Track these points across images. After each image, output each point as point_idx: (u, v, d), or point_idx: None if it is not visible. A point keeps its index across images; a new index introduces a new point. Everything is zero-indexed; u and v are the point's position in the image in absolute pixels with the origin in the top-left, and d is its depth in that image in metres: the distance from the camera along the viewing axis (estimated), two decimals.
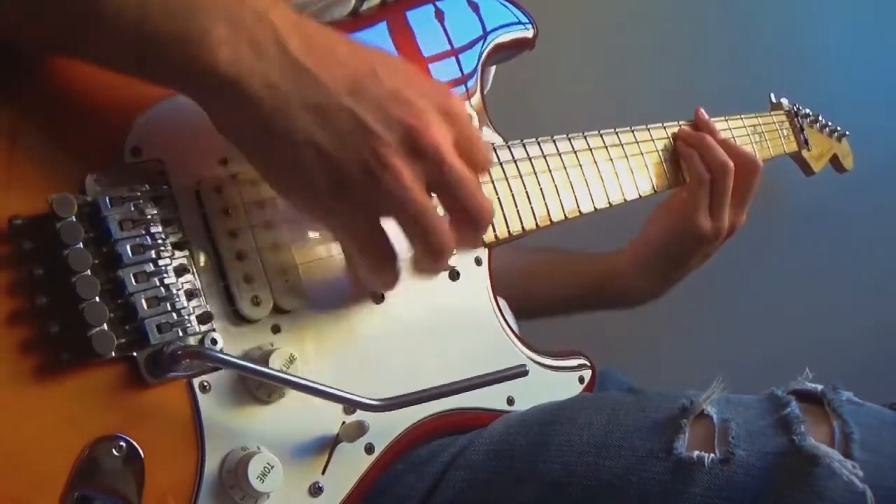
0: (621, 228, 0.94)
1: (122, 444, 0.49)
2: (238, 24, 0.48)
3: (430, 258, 0.54)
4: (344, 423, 0.57)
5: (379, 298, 0.62)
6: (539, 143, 0.74)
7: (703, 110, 0.92)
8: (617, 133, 0.83)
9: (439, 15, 0.73)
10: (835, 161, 1.24)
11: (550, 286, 1.00)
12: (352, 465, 0.58)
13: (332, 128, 0.49)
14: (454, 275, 0.67)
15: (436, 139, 0.51)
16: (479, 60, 0.74)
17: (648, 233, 0.94)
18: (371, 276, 0.56)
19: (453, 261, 0.66)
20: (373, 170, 0.50)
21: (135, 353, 0.50)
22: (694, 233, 0.89)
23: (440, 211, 0.53)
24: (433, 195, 0.53)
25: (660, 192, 0.86)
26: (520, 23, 0.78)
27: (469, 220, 0.54)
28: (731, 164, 0.88)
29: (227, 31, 0.47)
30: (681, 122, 0.91)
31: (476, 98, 0.73)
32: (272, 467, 0.52)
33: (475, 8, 0.75)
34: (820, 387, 0.62)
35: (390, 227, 0.53)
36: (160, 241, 0.52)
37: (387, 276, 0.55)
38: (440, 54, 0.72)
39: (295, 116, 0.49)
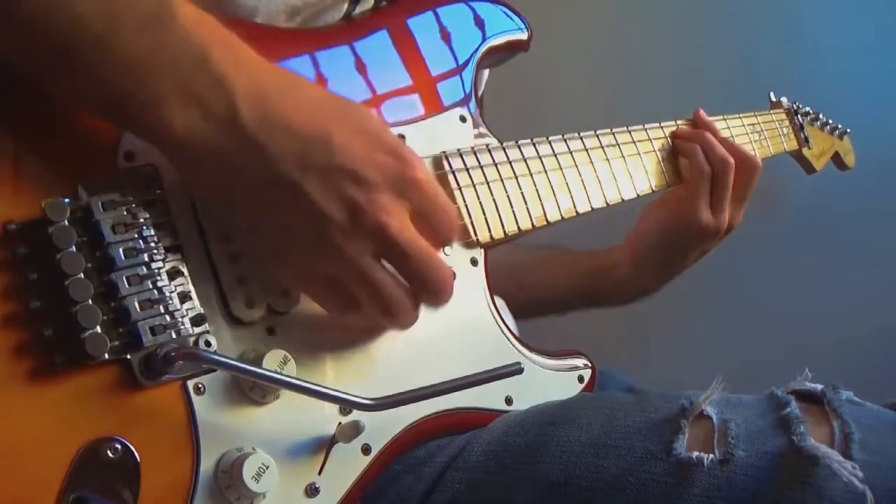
0: (620, 228, 0.93)
1: (118, 445, 0.49)
2: (193, 92, 0.48)
3: (389, 319, 0.55)
4: (340, 423, 0.57)
5: None
6: (535, 144, 0.74)
7: (702, 110, 0.92)
8: (613, 133, 0.82)
9: (442, 28, 0.72)
10: (836, 159, 1.23)
11: (544, 279, 1.00)
12: (349, 465, 0.58)
13: (276, 201, 0.50)
14: None
15: (378, 217, 0.51)
16: (474, 69, 0.74)
17: (645, 225, 0.93)
18: (342, 317, 0.57)
19: (450, 262, 0.66)
20: (317, 244, 0.51)
21: (128, 356, 0.51)
22: (694, 225, 0.87)
23: None
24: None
25: (657, 191, 0.86)
26: (515, 27, 0.78)
27: (425, 291, 0.55)
28: (732, 160, 0.87)
29: (180, 97, 0.48)
30: (678, 122, 0.91)
31: (473, 104, 0.73)
32: (267, 468, 0.52)
33: (479, 21, 0.75)
34: (820, 387, 0.62)
35: None
36: (153, 245, 0.52)
37: (356, 318, 0.56)
38: (448, 73, 0.72)
39: (242, 188, 0.50)
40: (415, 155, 0.54)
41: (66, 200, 0.50)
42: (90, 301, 0.49)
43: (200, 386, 0.53)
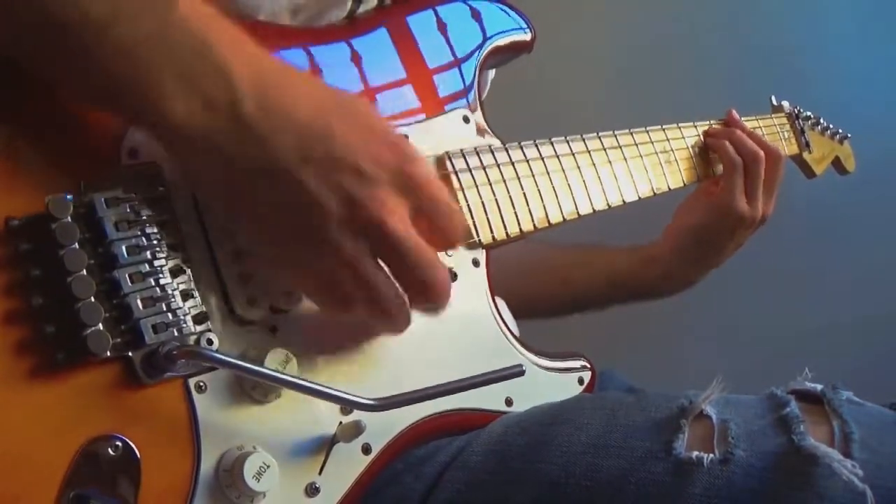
0: (621, 229, 0.94)
1: (118, 443, 0.49)
2: (193, 80, 0.48)
3: (382, 322, 0.54)
4: (341, 423, 0.57)
5: None
6: (538, 146, 0.74)
7: (734, 111, 0.97)
8: (616, 136, 0.83)
9: (441, 24, 0.73)
10: (837, 163, 1.23)
11: (589, 276, 1.01)
12: (349, 465, 0.58)
13: (277, 194, 0.50)
14: (451, 276, 0.66)
15: (379, 213, 0.50)
16: (476, 67, 0.74)
17: (685, 219, 0.96)
18: (337, 316, 0.55)
19: (451, 262, 0.66)
20: (315, 239, 0.50)
21: (130, 353, 0.51)
22: (732, 216, 0.92)
23: None
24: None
25: (659, 194, 0.86)
26: (518, 28, 0.78)
27: (422, 293, 0.54)
28: (761, 152, 0.92)
29: (180, 85, 0.47)
30: (680, 125, 0.91)
31: (476, 106, 0.73)
32: (268, 467, 0.52)
33: (477, 16, 0.76)
34: (820, 386, 0.61)
35: None
36: (156, 242, 0.52)
37: (352, 317, 0.55)
38: (445, 66, 0.72)
39: (242, 179, 0.49)
40: (417, 152, 0.53)
41: (69, 197, 0.50)
42: (92, 298, 0.49)
43: (202, 384, 0.53)
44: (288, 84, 0.51)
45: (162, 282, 0.52)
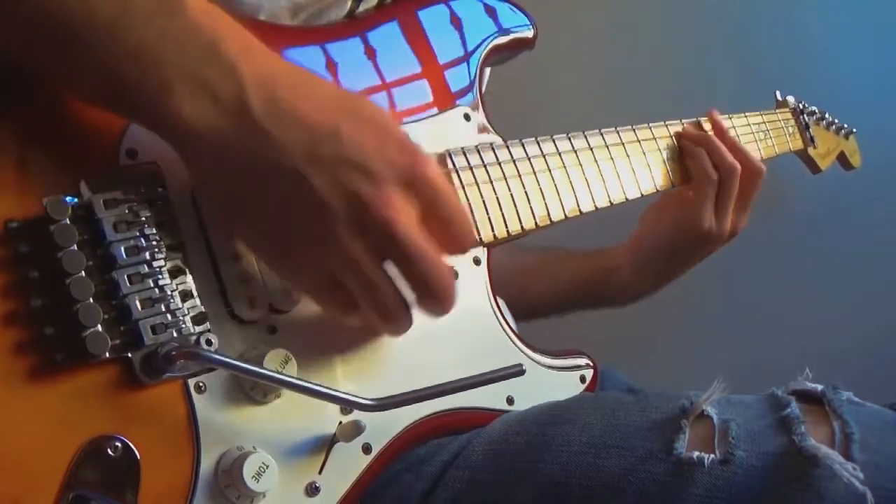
0: (622, 229, 0.93)
1: (118, 444, 0.50)
2: (202, 79, 0.48)
3: (382, 324, 0.54)
4: (341, 422, 0.57)
5: None
6: (538, 143, 0.74)
7: (716, 111, 0.91)
8: (618, 132, 0.82)
9: (454, 19, 0.73)
10: (842, 159, 1.23)
11: (548, 283, 1.00)
12: (349, 464, 0.58)
13: (282, 193, 0.49)
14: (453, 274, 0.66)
15: (386, 213, 0.49)
16: (478, 63, 0.74)
17: (649, 229, 0.93)
18: (339, 317, 0.55)
19: (452, 260, 0.66)
20: (320, 239, 0.50)
21: (129, 354, 0.51)
22: (697, 231, 0.88)
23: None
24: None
25: (662, 191, 0.86)
26: (523, 24, 0.78)
27: (426, 295, 0.53)
28: (739, 166, 0.87)
29: (189, 84, 0.48)
30: (683, 121, 0.91)
31: (477, 103, 0.73)
32: (267, 467, 0.53)
33: (491, 12, 0.75)
34: (820, 387, 0.61)
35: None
36: (155, 243, 0.52)
37: (353, 320, 0.54)
38: (456, 61, 0.72)
39: (249, 179, 0.49)
40: (425, 152, 0.53)
41: (68, 198, 0.50)
42: (91, 300, 0.49)
43: (201, 385, 0.53)
44: (296, 83, 0.50)
45: (161, 283, 0.52)
